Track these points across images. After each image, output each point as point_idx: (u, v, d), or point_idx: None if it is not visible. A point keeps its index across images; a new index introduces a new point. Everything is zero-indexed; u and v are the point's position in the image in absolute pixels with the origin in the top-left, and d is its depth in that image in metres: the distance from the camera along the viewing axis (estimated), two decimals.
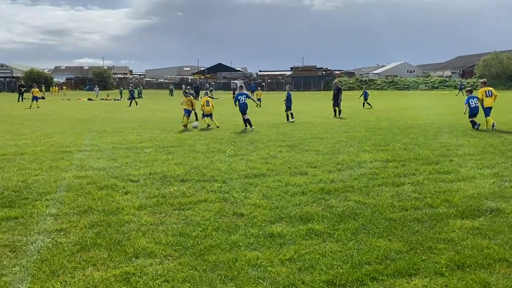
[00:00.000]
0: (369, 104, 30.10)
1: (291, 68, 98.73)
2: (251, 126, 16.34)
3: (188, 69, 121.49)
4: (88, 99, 48.19)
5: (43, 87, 59.92)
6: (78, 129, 16.95)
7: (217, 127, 17.15)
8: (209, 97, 18.59)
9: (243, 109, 16.89)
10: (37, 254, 4.76)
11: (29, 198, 6.89)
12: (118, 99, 48.61)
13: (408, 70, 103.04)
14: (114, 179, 8.10)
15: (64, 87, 72.30)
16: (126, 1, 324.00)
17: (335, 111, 22.21)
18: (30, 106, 31.00)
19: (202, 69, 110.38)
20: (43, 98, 45.84)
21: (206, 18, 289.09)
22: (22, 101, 38.90)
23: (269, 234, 5.33)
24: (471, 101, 15.85)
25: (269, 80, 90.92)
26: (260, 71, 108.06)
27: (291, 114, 19.75)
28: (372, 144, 12.18)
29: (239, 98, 17.18)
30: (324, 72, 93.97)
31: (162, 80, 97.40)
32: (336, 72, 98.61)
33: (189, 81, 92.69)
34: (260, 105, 33.23)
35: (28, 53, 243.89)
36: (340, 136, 13.98)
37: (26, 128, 17.42)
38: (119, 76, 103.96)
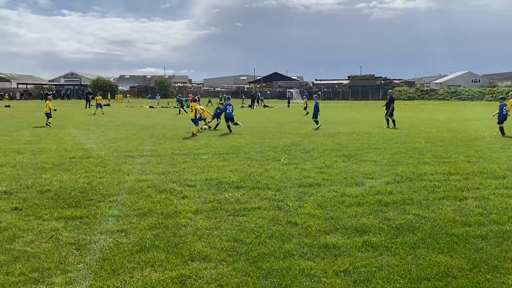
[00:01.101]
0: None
1: (349, 77, 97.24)
2: (235, 126, 18.71)
3: (245, 78, 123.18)
4: (150, 107, 50.12)
5: (109, 95, 63.13)
6: (140, 135, 17.67)
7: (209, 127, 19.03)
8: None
9: (231, 117, 18.85)
10: (99, 253, 5.00)
11: (93, 199, 7.26)
12: (176, 107, 50.12)
13: (472, 80, 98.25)
14: (172, 184, 8.36)
15: (128, 95, 75.71)
16: (187, 12, 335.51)
17: (387, 120, 21.75)
18: (94, 113, 32.80)
19: (258, 78, 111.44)
20: (108, 105, 48.30)
21: (264, 27, 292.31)
22: (89, 107, 41.14)
23: (324, 245, 5.26)
24: (504, 108, 17.33)
25: (325, 89, 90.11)
26: (316, 79, 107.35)
27: (316, 121, 21.12)
28: (433, 156, 11.71)
29: (227, 108, 19.00)
30: (383, 81, 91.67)
31: (219, 88, 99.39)
32: (395, 81, 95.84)
33: (245, 89, 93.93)
34: (307, 113, 33.25)
35: (96, 62, 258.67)
36: (399, 147, 13.55)
37: (92, 133, 18.42)
38: (179, 85, 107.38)
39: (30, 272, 4.49)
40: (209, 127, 20.05)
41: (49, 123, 21.59)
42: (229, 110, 18.99)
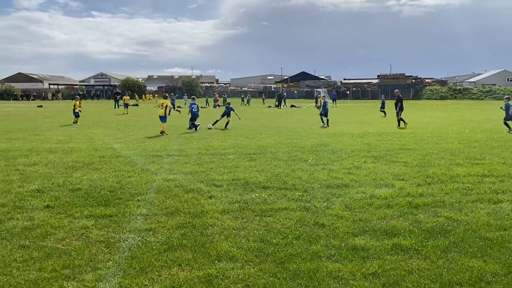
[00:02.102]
0: (384, 113, 29.96)
1: (378, 76, 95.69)
2: (197, 128, 19.75)
3: (272, 77, 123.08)
4: (178, 107, 50.75)
5: (136, 95, 64.24)
6: (167, 135, 17.87)
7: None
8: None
9: (195, 116, 20.17)
10: (128, 251, 5.07)
11: (122, 198, 7.38)
12: (204, 107, 50.57)
13: (508, 79, 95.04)
14: (199, 183, 8.41)
15: (156, 95, 76.85)
16: (214, 12, 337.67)
17: (399, 121, 21.63)
18: (123, 113, 33.47)
19: (285, 77, 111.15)
20: (136, 105, 49.16)
21: (291, 26, 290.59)
22: (118, 107, 41.95)
23: (352, 247, 5.18)
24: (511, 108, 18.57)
25: (354, 89, 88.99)
26: (344, 79, 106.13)
27: (327, 120, 22.21)
28: (466, 157, 11.38)
29: (192, 107, 20.39)
30: (413, 80, 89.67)
31: (246, 88, 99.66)
32: (426, 80, 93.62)
33: (272, 89, 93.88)
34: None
35: (124, 63, 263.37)
36: (431, 148, 13.23)
37: (121, 132, 18.77)
38: (206, 85, 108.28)
39: (62, 269, 4.59)
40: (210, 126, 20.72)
41: (76, 121, 22.32)
42: (195, 109, 20.30)
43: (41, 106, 49.15)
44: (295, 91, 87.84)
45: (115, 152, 12.63)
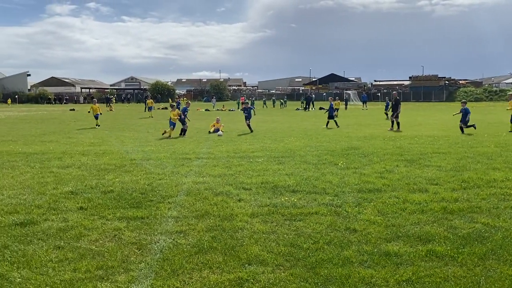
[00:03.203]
0: (387, 115, 29.25)
1: (410, 77, 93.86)
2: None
3: (300, 80, 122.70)
4: (206, 110, 51.21)
5: (170, 99, 65.18)
6: (196, 137, 18.05)
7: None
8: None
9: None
10: (159, 253, 5.11)
11: (153, 200, 7.47)
12: (233, 110, 50.86)
13: None
14: (228, 186, 8.42)
15: (184, 98, 77.88)
16: (242, 15, 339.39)
17: (392, 123, 21.48)
18: (149, 116, 34.04)
19: (314, 79, 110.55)
20: (166, 108, 49.85)
21: (320, 28, 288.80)
22: (148, 110, 42.62)
23: (385, 253, 5.06)
24: None
25: (384, 90, 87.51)
26: (375, 80, 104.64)
27: (332, 122, 23.00)
28: (503, 162, 10.98)
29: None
30: (447, 82, 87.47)
31: (273, 91, 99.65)
32: (460, 81, 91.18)
33: (300, 91, 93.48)
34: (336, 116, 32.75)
35: (154, 67, 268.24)
36: (466, 152, 12.84)
37: (151, 135, 19.07)
38: (234, 88, 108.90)
39: (95, 270, 4.66)
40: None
41: (98, 124, 23.12)
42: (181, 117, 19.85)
43: (73, 109, 50.57)
44: (324, 93, 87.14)
45: (146, 155, 12.82)
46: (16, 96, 78.76)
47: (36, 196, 7.76)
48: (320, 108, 48.32)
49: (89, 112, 25.14)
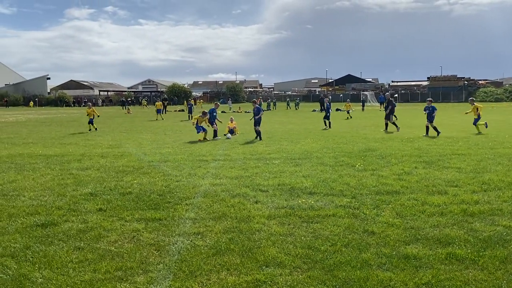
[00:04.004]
0: (395, 117, 27.87)
1: (428, 78, 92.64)
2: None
3: (316, 81, 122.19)
4: (222, 112, 51.39)
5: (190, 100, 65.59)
6: (213, 139, 18.11)
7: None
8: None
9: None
10: (177, 254, 5.15)
11: (171, 201, 7.52)
12: (249, 112, 50.91)
13: None
14: (245, 188, 8.44)
15: (200, 100, 78.33)
16: (258, 17, 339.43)
17: (386, 125, 21.55)
18: (156, 119, 34.10)
19: (330, 80, 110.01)
20: (182, 110, 50.21)
21: (336, 29, 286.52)
22: (165, 113, 43.01)
23: (403, 256, 5.01)
24: None
25: (402, 91, 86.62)
26: (392, 81, 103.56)
27: (329, 122, 23.47)
28: None
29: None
30: (466, 82, 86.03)
31: (289, 92, 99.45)
32: (480, 81, 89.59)
33: (316, 93, 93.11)
34: (350, 117, 32.46)
35: (170, 69, 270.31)
36: (486, 153, 12.62)
37: (168, 137, 19.22)
38: (249, 89, 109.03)
39: (115, 271, 4.72)
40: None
41: (90, 129, 22.77)
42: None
43: None
44: (341, 95, 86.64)
45: (163, 156, 12.92)
46: (36, 99, 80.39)
47: (56, 198, 7.90)
48: (337, 110, 48.06)
49: (88, 115, 24.08)
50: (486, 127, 19.23)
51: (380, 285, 4.31)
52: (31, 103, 75.99)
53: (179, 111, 50.36)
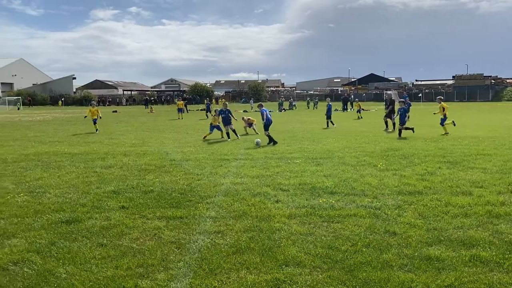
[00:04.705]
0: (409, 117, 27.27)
1: (453, 76, 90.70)
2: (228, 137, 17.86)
3: (338, 80, 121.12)
4: (244, 111, 51.51)
5: (215, 100, 65.99)
6: (234, 138, 18.16)
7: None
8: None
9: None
10: (198, 252, 5.20)
11: (192, 200, 7.59)
12: (271, 111, 50.90)
13: None
14: (266, 187, 8.44)
15: (223, 99, 78.75)
16: (280, 16, 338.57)
17: (386, 123, 21.31)
18: (178, 118, 34.19)
19: (353, 80, 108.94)
20: (204, 109, 50.50)
21: (359, 27, 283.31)
22: (187, 112, 43.33)
23: (426, 257, 4.93)
24: None
25: (426, 90, 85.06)
26: (416, 80, 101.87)
27: (331, 122, 24.07)
28: None
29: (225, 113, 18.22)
30: (493, 81, 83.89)
31: (312, 92, 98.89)
32: (507, 80, 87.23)
33: (339, 92, 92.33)
34: (361, 117, 31.83)
35: (193, 68, 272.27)
36: None
37: (190, 137, 19.38)
38: (271, 89, 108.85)
39: (136, 267, 4.80)
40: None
41: (96, 129, 22.17)
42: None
43: (116, 111, 52.07)
44: (363, 94, 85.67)
45: (185, 155, 13.04)
46: (63, 99, 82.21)
47: (80, 195, 8.07)
48: (336, 110, 47.54)
49: (85, 117, 22.86)
50: (454, 125, 18.83)
51: (402, 286, 4.26)
52: (60, 102, 77.79)
53: (201, 110, 50.68)
